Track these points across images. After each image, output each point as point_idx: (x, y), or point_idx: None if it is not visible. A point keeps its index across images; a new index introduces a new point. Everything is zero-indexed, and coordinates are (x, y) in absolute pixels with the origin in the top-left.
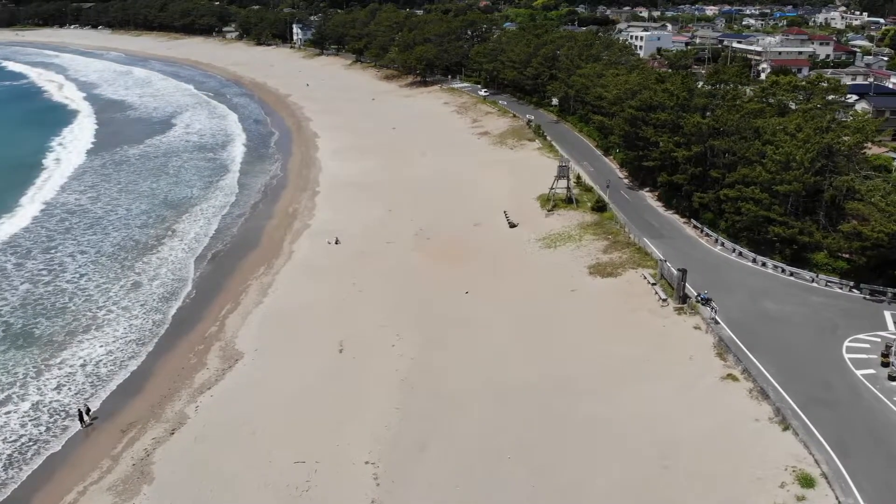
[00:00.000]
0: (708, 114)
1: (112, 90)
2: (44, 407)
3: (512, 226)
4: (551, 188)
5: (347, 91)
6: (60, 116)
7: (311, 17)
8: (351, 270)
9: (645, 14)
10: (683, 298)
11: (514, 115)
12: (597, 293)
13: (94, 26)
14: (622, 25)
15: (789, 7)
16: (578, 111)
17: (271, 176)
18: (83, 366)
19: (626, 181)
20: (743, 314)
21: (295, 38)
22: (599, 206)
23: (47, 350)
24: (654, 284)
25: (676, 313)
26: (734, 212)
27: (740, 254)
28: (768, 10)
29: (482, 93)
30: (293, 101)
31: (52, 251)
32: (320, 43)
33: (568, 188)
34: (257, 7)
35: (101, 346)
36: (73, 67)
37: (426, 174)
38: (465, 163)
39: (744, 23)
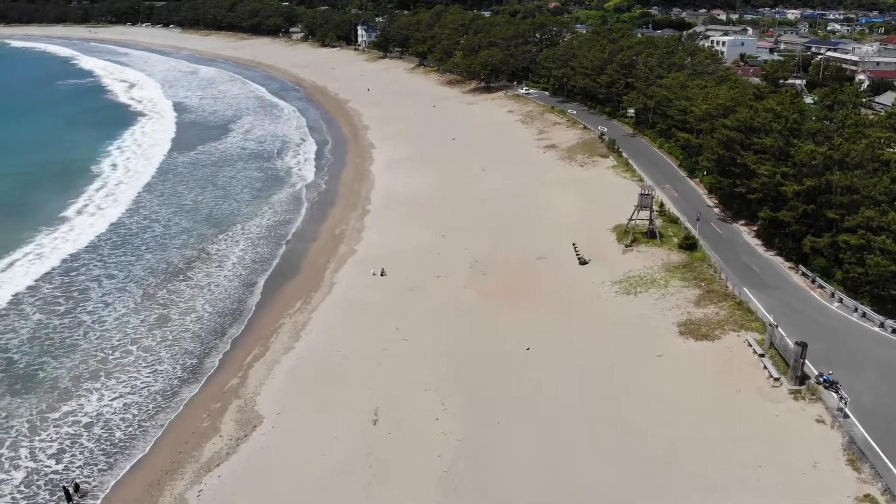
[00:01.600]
0: (823, 141)
1: (174, 91)
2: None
3: (582, 262)
4: (631, 218)
5: (408, 97)
6: (123, 118)
7: (377, 19)
8: (395, 310)
9: (723, 17)
10: (801, 379)
11: (585, 127)
12: (689, 362)
13: (166, 25)
14: (699, 28)
15: (875, 12)
16: (658, 125)
17: (322, 190)
18: (87, 425)
19: (716, 210)
20: (878, 403)
21: (359, 39)
22: (688, 243)
23: (48, 399)
24: (762, 356)
25: (792, 397)
26: (856, 262)
27: (864, 315)
28: (853, 15)
29: (523, 90)
30: (352, 106)
31: (74, 272)
32: (384, 45)
33: (651, 219)
34: (324, 8)
35: (110, 399)
36: (140, 67)
37: (485, 193)
38: (529, 180)
39: (828, 28)
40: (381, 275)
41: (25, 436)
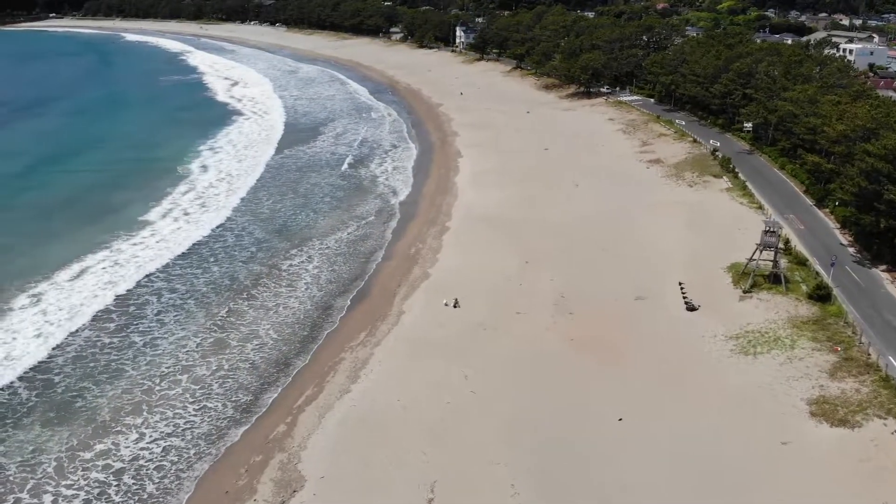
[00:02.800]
0: None
1: (273, 91)
2: None
3: (690, 308)
4: (751, 258)
5: (502, 101)
6: (220, 117)
7: (477, 20)
8: (466, 352)
9: (846, 22)
10: None
11: (695, 140)
12: (823, 455)
13: (272, 23)
14: (819, 34)
15: None
16: (780, 142)
17: (402, 202)
18: (118, 472)
19: (851, 250)
20: None
21: (457, 41)
22: (820, 294)
23: (82, 434)
24: None
25: None
26: None
27: None
28: None
29: (626, 96)
30: (443, 111)
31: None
32: (481, 47)
33: (775, 261)
34: (426, 8)
35: (149, 440)
36: (243, 65)
37: (577, 212)
38: (629, 201)
39: None
40: (455, 306)
41: (52, 478)
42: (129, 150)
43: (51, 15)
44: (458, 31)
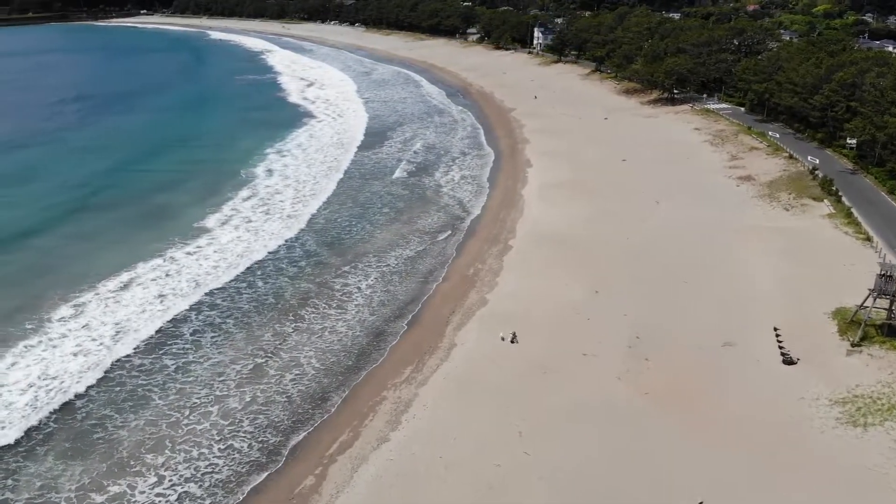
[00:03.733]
0: None
1: (347, 92)
2: None
3: (788, 361)
4: (862, 305)
5: (578, 106)
6: (291, 119)
7: (556, 20)
8: (521, 401)
9: None
10: None
11: (791, 156)
12: None
13: (351, 23)
14: None
15: None
16: (888, 163)
17: (465, 215)
18: None
19: None
20: None
21: (535, 42)
22: None
23: (96, 471)
24: None
25: None
26: None
27: None
28: None
29: (714, 104)
30: (515, 116)
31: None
32: (559, 49)
33: (892, 311)
34: (504, 9)
35: (166, 486)
36: (321, 64)
37: (656, 235)
38: (716, 223)
39: None
40: (512, 341)
41: None
42: (195, 151)
43: (141, 11)
44: (536, 32)
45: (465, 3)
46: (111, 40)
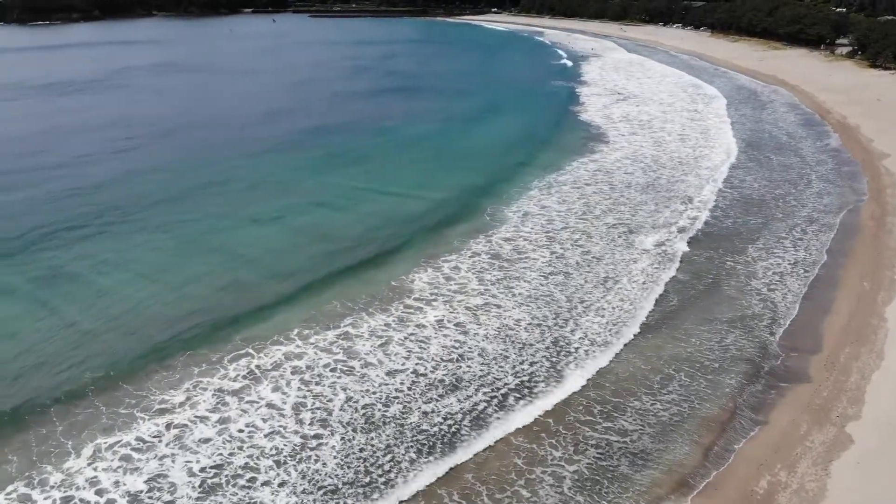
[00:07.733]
0: None
1: (652, 112)
2: None
3: None
4: None
5: None
6: (578, 143)
7: None
8: None
9: None
10: None
11: None
12: None
13: (697, 27)
14: None
15: None
16: None
17: (771, 356)
18: None
19: None
20: None
21: None
22: None
23: None
24: None
25: None
26: None
27: None
28: None
29: None
30: (888, 165)
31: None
32: None
33: None
34: (887, 19)
35: None
36: (640, 76)
37: None
38: None
39: None
40: None
41: None
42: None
43: (492, 10)
44: None
45: (839, 10)
46: (448, 35)
